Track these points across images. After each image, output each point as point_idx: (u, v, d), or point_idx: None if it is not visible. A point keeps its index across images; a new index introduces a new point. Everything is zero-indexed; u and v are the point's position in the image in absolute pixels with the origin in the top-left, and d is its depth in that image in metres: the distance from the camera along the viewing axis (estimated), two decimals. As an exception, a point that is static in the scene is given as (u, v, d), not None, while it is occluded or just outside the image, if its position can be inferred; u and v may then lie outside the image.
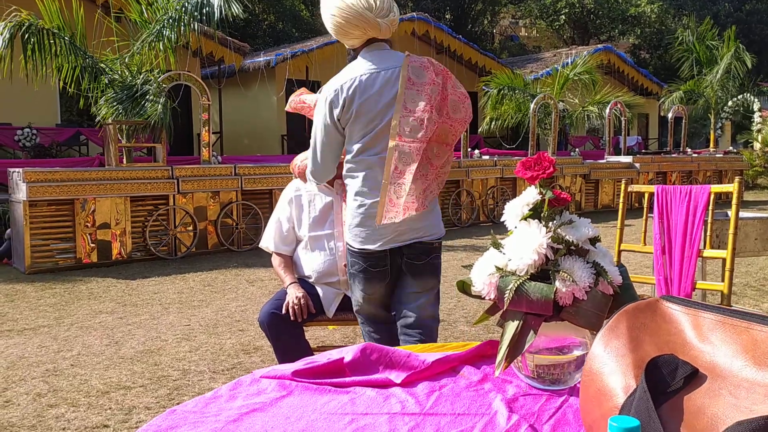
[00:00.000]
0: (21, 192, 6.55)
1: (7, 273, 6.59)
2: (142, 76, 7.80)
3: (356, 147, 2.25)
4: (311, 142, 2.35)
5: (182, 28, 7.69)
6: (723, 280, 2.57)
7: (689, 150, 15.56)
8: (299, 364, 1.25)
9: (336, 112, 2.23)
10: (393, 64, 2.22)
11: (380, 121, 2.20)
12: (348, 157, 2.30)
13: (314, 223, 2.79)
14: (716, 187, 2.64)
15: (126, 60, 7.90)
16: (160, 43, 7.70)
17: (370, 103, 2.19)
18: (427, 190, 2.23)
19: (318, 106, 2.31)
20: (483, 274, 1.14)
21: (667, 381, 0.78)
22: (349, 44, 2.31)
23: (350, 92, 2.20)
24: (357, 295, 2.41)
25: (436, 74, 2.20)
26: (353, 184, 2.30)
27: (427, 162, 2.20)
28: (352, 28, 2.20)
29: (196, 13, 7.68)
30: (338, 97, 2.22)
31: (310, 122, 2.43)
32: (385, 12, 2.20)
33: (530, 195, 1.18)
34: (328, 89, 2.26)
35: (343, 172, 2.35)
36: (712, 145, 17.89)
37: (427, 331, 2.36)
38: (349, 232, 2.33)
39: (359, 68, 2.23)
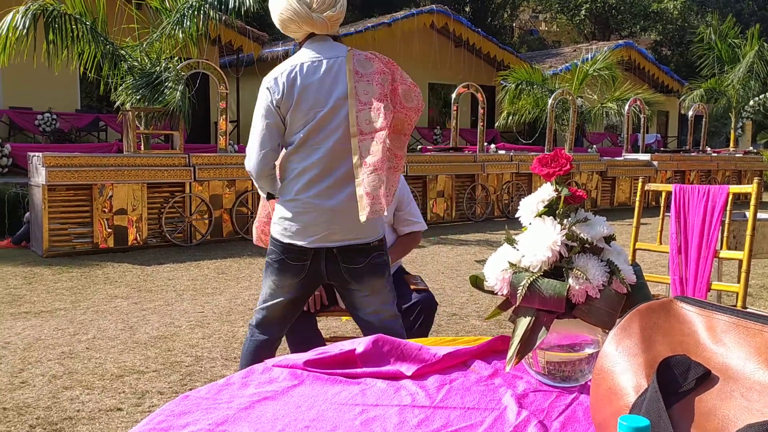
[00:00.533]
0: (40, 176, 6.63)
1: (26, 256, 6.67)
2: (161, 63, 7.85)
3: (298, 137, 2.19)
4: (250, 134, 2.27)
5: (201, 16, 7.71)
6: (739, 282, 2.55)
7: (709, 149, 15.40)
8: (311, 354, 1.26)
9: (276, 98, 2.18)
10: (336, 54, 2.19)
11: (322, 108, 2.15)
12: (289, 148, 2.23)
13: None
14: (735, 188, 2.62)
15: (146, 47, 7.95)
16: (180, 32, 7.73)
17: (311, 89, 2.15)
18: (395, 182, 2.17)
19: (259, 96, 2.23)
20: (496, 269, 1.14)
21: (679, 381, 0.78)
22: (293, 37, 2.29)
23: (291, 78, 2.16)
24: (266, 288, 2.32)
25: (383, 64, 2.16)
26: (290, 175, 2.23)
27: (392, 153, 2.14)
28: (289, 22, 2.19)
29: (215, 2, 7.70)
30: (278, 84, 2.18)
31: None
32: (324, 8, 2.17)
33: (546, 192, 1.18)
34: (269, 78, 2.21)
35: (279, 162, 2.26)
36: (732, 144, 17.68)
37: (390, 332, 2.31)
38: (278, 224, 2.25)
39: (301, 57, 2.21)
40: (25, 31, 6.95)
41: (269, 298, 2.31)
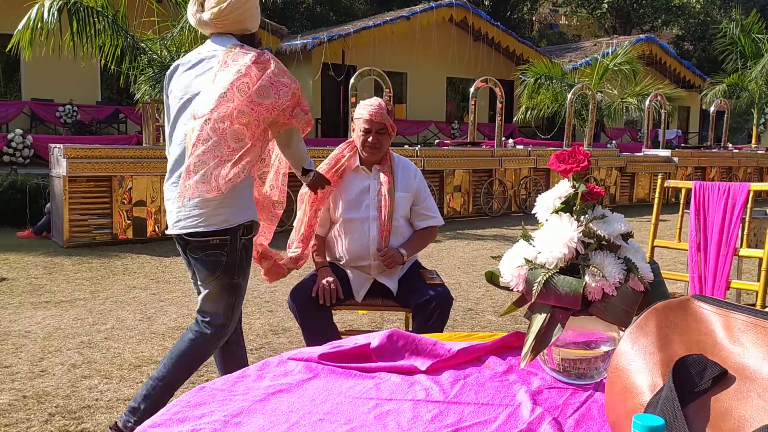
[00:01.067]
0: (61, 167, 6.70)
1: (46, 246, 6.76)
2: (181, 56, 7.88)
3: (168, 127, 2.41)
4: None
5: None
6: (759, 280, 2.52)
7: (730, 145, 15.20)
8: (326, 348, 1.27)
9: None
10: (192, 57, 2.39)
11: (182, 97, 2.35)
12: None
13: (349, 206, 2.80)
14: (756, 185, 2.58)
15: (166, 41, 7.99)
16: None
17: (181, 81, 2.37)
18: (222, 172, 2.16)
19: None
20: (512, 265, 1.14)
21: (695, 381, 0.78)
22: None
23: (168, 73, 2.43)
24: None
25: (254, 61, 2.22)
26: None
27: (223, 142, 2.18)
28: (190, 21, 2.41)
29: None
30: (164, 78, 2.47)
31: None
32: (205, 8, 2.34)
33: (563, 188, 1.17)
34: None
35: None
36: (754, 141, 17.44)
37: (198, 323, 2.37)
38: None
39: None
40: (50, 25, 7.02)
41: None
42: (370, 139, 2.75)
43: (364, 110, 2.77)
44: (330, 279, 2.69)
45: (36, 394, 2.92)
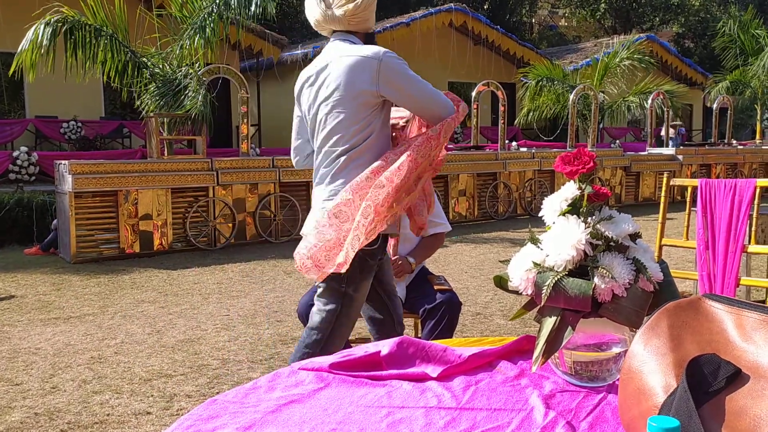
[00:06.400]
0: (67, 183, 6.73)
1: (54, 263, 6.78)
2: (182, 70, 7.93)
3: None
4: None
5: (221, 22, 7.79)
6: (768, 277, 2.51)
7: (734, 141, 15.15)
8: (336, 357, 1.26)
9: None
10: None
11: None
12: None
13: None
14: (762, 181, 2.57)
15: (167, 55, 8.04)
16: (200, 38, 7.81)
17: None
18: None
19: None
20: (520, 269, 1.14)
21: (709, 381, 0.77)
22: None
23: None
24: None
25: None
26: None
27: None
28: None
29: (233, 5, 7.76)
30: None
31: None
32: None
33: (569, 190, 1.17)
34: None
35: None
36: (758, 136, 17.38)
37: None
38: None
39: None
40: (47, 45, 7.06)
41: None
42: None
43: None
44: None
45: (48, 410, 2.93)
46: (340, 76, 2.12)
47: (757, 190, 2.56)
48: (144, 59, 7.86)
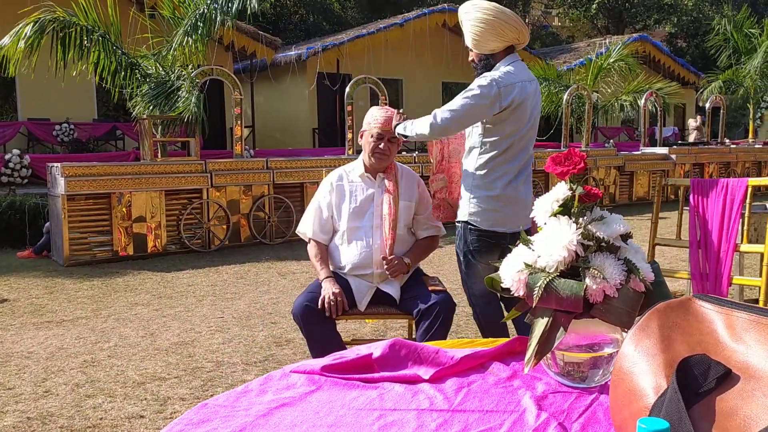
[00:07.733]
0: (59, 186, 6.70)
1: (47, 266, 6.75)
2: (175, 71, 7.90)
3: (507, 141, 2.64)
4: (460, 102, 2.60)
5: (213, 22, 7.77)
6: (761, 276, 2.52)
7: (727, 141, 15.20)
8: (328, 360, 1.26)
9: (503, 102, 2.57)
10: (531, 77, 2.69)
11: (525, 126, 2.65)
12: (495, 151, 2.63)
13: (353, 215, 2.79)
14: (754, 181, 2.58)
15: (159, 56, 8.01)
16: (191, 39, 7.78)
17: (524, 108, 2.62)
18: None
19: (488, 85, 2.58)
20: (512, 270, 1.14)
21: (699, 381, 0.77)
22: (489, 49, 2.68)
23: (518, 94, 2.59)
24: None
25: None
26: (505, 169, 2.63)
27: None
28: (508, 29, 2.61)
29: (225, 7, 7.74)
30: (510, 93, 2.57)
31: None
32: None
33: (560, 191, 1.17)
34: (505, 81, 2.58)
35: (486, 156, 2.65)
36: (751, 135, 17.45)
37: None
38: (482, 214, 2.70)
39: (521, 75, 2.64)
40: (31, 42, 7.01)
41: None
42: (381, 145, 2.76)
43: (378, 115, 2.78)
44: (336, 291, 2.67)
45: (40, 415, 2.91)
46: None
47: (749, 189, 2.57)
48: (136, 60, 7.83)
